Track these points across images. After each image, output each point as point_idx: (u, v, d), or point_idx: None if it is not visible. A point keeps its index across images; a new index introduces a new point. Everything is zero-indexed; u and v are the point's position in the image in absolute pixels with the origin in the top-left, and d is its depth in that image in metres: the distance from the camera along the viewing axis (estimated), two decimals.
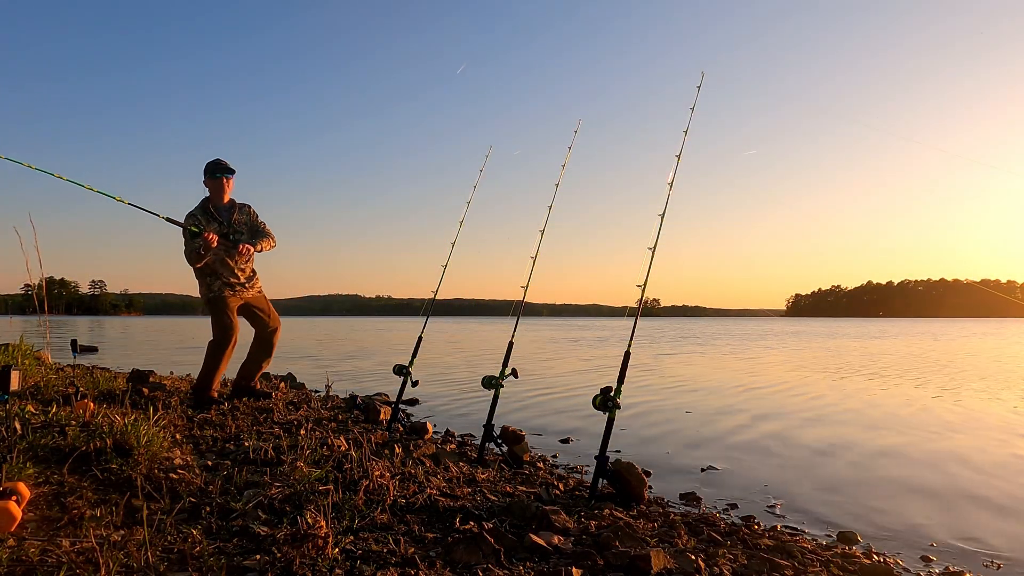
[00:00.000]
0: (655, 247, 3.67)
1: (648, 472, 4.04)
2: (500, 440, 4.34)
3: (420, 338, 5.35)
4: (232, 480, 2.82)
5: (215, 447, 3.53)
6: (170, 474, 2.72)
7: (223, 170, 5.03)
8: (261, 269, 5.39)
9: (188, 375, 7.92)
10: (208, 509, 2.44)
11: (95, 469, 2.65)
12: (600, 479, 3.32)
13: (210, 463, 3.10)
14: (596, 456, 3.34)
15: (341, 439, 3.73)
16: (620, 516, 2.94)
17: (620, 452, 4.89)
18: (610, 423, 3.38)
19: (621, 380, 3.44)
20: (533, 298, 4.70)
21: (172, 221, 4.84)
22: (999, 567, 2.86)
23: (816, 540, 3.10)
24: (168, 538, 2.15)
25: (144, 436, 2.89)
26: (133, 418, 3.09)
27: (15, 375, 4.01)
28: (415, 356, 5.22)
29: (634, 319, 3.64)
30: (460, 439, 5.27)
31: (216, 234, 4.80)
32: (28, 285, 7.03)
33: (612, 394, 3.37)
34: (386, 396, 7.08)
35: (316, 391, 7.05)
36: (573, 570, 2.14)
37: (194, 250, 4.79)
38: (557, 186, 4.85)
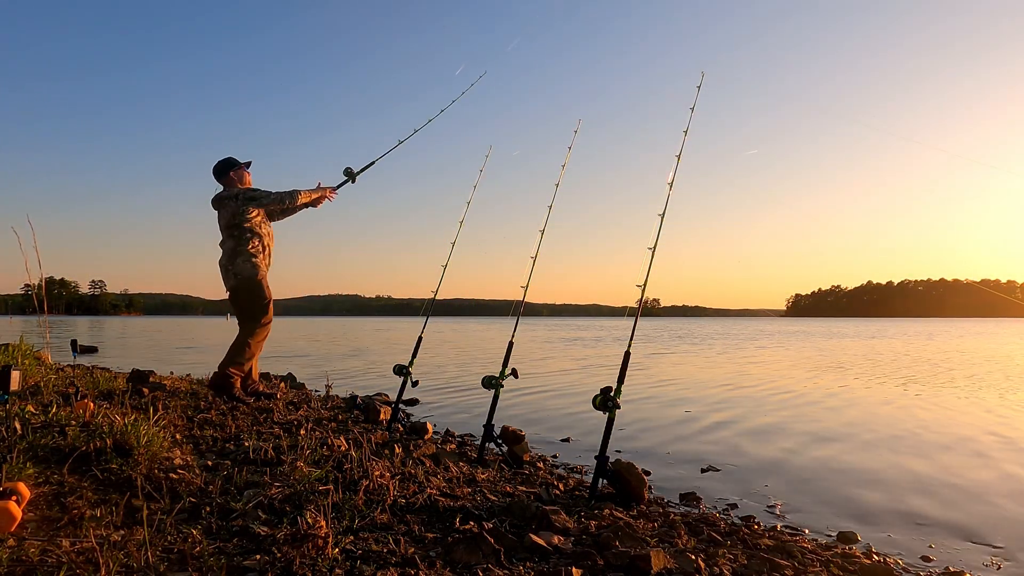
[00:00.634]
0: (655, 247, 3.67)
1: (648, 472, 4.05)
2: (500, 440, 4.34)
3: (420, 338, 5.35)
4: (232, 480, 2.82)
5: (215, 447, 3.53)
6: (170, 474, 2.72)
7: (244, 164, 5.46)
8: None
9: (188, 375, 7.92)
10: (208, 509, 2.44)
11: (95, 469, 2.65)
12: (600, 479, 3.33)
13: (210, 463, 3.09)
14: (596, 456, 3.34)
15: (341, 439, 3.73)
16: (620, 516, 2.94)
17: (620, 452, 4.90)
18: (610, 423, 3.38)
19: (621, 380, 3.44)
20: (533, 298, 4.71)
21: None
22: (999, 567, 2.86)
23: (816, 540, 3.11)
24: (168, 538, 2.15)
25: (144, 436, 2.89)
26: (133, 418, 3.09)
27: (15, 375, 3.99)
28: (415, 356, 5.22)
29: (634, 319, 3.64)
30: (460, 439, 5.27)
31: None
32: (28, 285, 7.03)
33: (612, 394, 3.37)
34: (386, 396, 7.09)
35: (316, 391, 7.05)
36: (573, 570, 2.14)
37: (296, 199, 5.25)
38: (557, 186, 4.85)
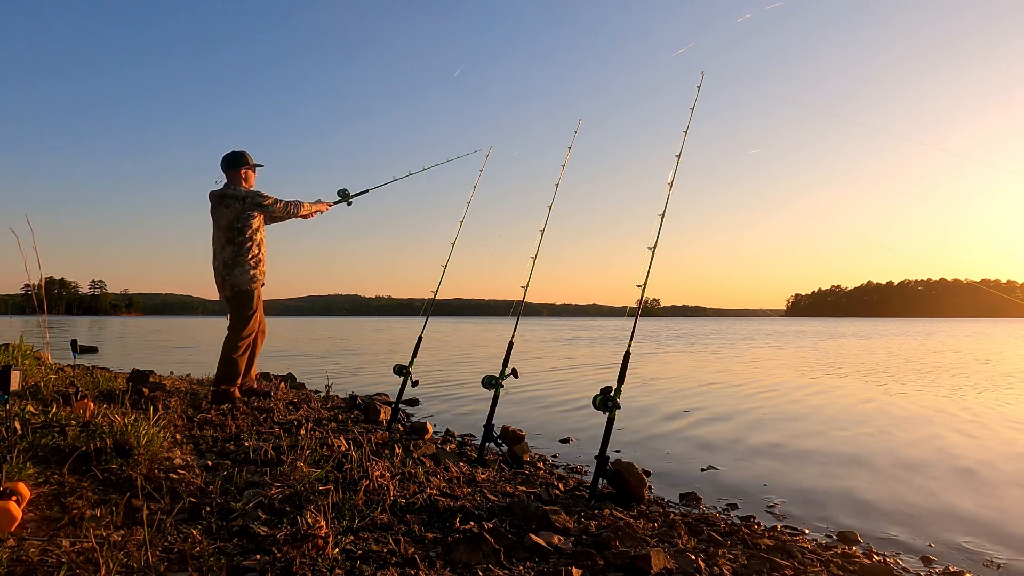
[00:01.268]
0: (655, 247, 3.67)
1: (648, 472, 4.04)
2: (500, 440, 4.34)
3: (420, 338, 5.35)
4: (232, 480, 2.82)
5: (215, 447, 3.53)
6: (170, 474, 2.72)
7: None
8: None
9: (188, 375, 7.92)
10: (208, 509, 2.44)
11: (95, 469, 2.65)
12: (600, 479, 3.33)
13: (210, 463, 3.09)
14: (596, 456, 3.34)
15: (341, 439, 3.73)
16: (620, 516, 2.94)
17: (620, 452, 4.89)
18: (610, 423, 3.38)
19: (621, 380, 3.44)
20: (533, 298, 4.71)
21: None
22: (999, 567, 2.86)
23: (816, 540, 3.11)
24: (168, 538, 2.15)
25: (144, 436, 2.89)
26: (133, 418, 3.09)
27: (15, 375, 4.00)
28: (415, 356, 5.22)
29: (634, 319, 3.64)
30: (460, 439, 5.27)
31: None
32: (28, 285, 7.03)
33: (612, 394, 3.37)
34: (386, 396, 7.09)
35: (316, 391, 7.05)
36: (573, 570, 2.14)
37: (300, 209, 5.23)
38: (557, 186, 4.85)
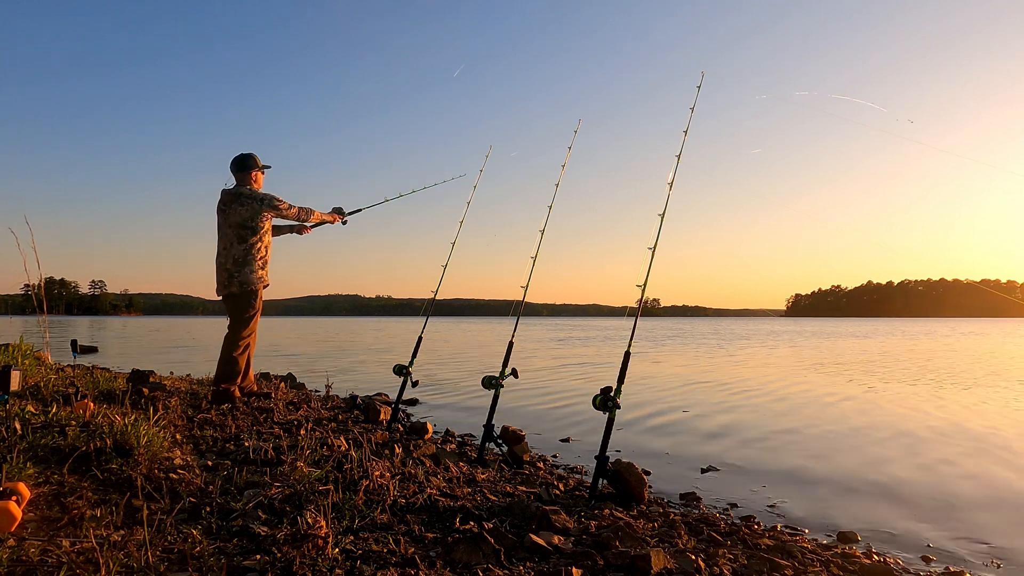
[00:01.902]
0: (655, 247, 3.67)
1: (648, 472, 4.04)
2: (500, 440, 4.34)
3: (420, 338, 5.35)
4: (232, 480, 2.82)
5: (215, 447, 3.53)
6: (170, 474, 2.72)
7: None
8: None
9: (188, 375, 7.91)
10: (208, 509, 2.44)
11: (95, 469, 2.65)
12: (600, 479, 3.33)
13: (210, 463, 3.09)
14: (596, 456, 3.34)
15: (341, 439, 3.72)
16: (620, 516, 2.94)
17: (620, 452, 4.89)
18: (610, 423, 3.38)
19: (621, 380, 3.44)
20: (533, 298, 4.71)
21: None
22: (999, 567, 2.86)
23: (816, 540, 3.11)
24: (168, 538, 2.15)
25: (144, 436, 2.89)
26: (133, 418, 3.09)
27: (15, 375, 3.99)
28: (415, 356, 5.22)
29: (634, 319, 3.65)
30: (460, 439, 5.27)
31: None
32: (28, 285, 7.04)
33: (612, 394, 3.37)
34: (386, 396, 7.09)
35: (316, 391, 7.05)
36: (573, 570, 2.14)
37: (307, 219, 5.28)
38: (557, 186, 4.85)
